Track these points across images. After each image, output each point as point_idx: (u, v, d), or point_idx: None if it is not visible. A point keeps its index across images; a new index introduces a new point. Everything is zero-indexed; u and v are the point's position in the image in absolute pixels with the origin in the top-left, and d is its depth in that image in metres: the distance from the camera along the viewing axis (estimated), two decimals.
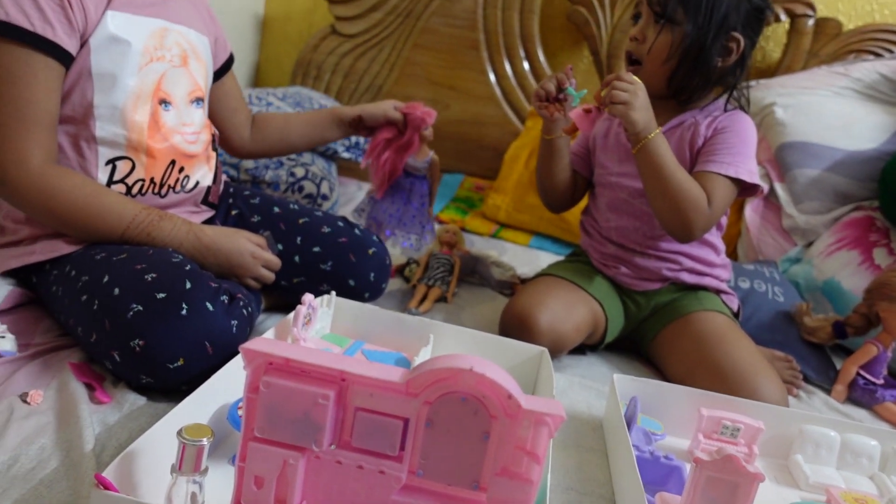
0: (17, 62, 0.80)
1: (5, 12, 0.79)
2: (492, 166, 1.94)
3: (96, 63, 0.85)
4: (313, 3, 2.07)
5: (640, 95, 0.94)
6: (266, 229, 1.04)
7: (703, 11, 0.98)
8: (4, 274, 0.92)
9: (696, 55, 1.00)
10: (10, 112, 0.81)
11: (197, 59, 0.97)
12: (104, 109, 0.86)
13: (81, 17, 0.83)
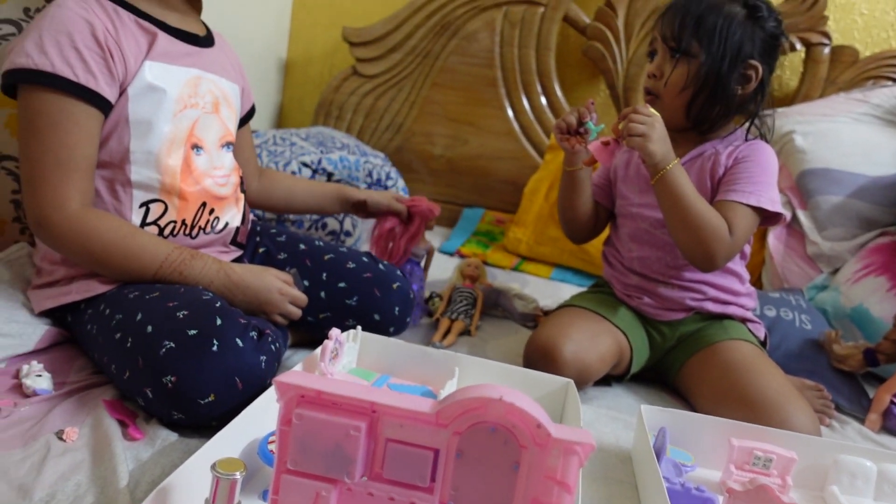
0: (61, 110, 0.84)
1: (51, 63, 0.83)
2: (511, 200, 1.95)
3: (134, 110, 0.89)
4: (334, 46, 2.13)
5: (657, 127, 0.96)
6: (292, 266, 1.05)
7: (717, 42, 1.00)
8: (41, 314, 0.94)
9: (713, 85, 1.02)
10: (51, 158, 0.84)
11: (228, 106, 1.01)
12: (140, 154, 0.90)
13: (122, 68, 0.87)
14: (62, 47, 0.84)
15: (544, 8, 1.91)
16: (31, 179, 0.85)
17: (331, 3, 2.13)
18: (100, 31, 0.85)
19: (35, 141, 0.85)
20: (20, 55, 0.83)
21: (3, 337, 0.87)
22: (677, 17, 1.02)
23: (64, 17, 0.85)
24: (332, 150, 1.66)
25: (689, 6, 1.02)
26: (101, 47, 0.85)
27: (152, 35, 0.91)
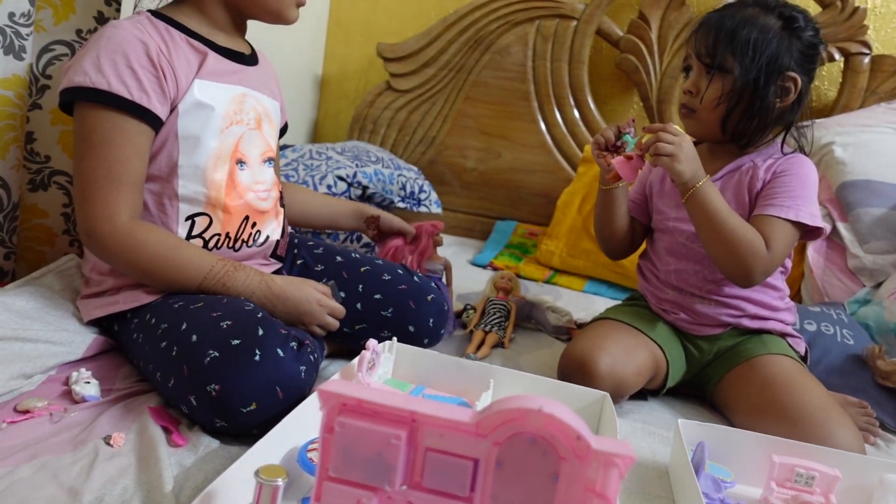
0: (114, 127, 0.88)
1: (107, 82, 0.87)
2: (544, 213, 1.95)
3: (183, 126, 0.92)
4: (369, 62, 2.17)
5: (685, 147, 0.96)
6: (330, 278, 1.07)
7: (752, 55, 0.99)
8: (89, 323, 0.97)
9: (750, 99, 1.01)
10: (104, 172, 0.87)
11: (269, 123, 1.04)
12: (187, 169, 0.93)
13: (173, 86, 0.90)
14: (118, 66, 0.87)
15: (577, 21, 1.92)
16: (84, 192, 0.89)
17: (365, 20, 2.17)
18: (153, 50, 0.89)
19: (89, 156, 0.88)
20: (78, 73, 0.87)
21: (54, 345, 0.91)
22: (711, 33, 1.02)
23: (120, 38, 0.89)
24: (366, 163, 1.69)
25: (722, 21, 1.01)
26: (154, 66, 0.89)
27: (202, 54, 0.95)
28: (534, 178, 2.01)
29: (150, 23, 0.93)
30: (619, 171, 1.00)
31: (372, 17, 2.17)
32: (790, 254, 1.06)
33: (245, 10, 1.00)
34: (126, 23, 0.92)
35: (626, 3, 1.95)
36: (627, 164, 1.00)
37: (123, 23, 0.92)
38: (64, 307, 0.99)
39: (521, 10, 1.95)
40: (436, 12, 2.09)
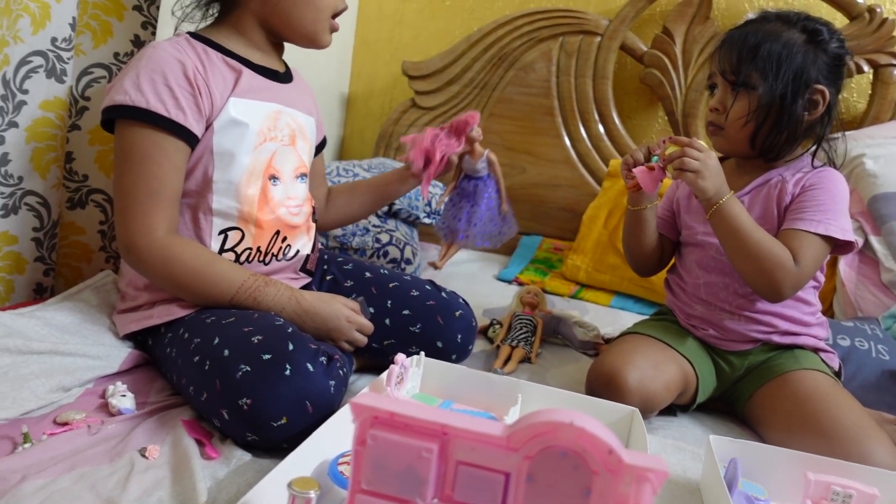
0: (153, 144, 0.90)
1: (146, 100, 0.90)
2: (569, 227, 1.95)
3: (218, 143, 0.94)
4: (394, 80, 2.20)
5: (710, 164, 0.95)
6: (358, 293, 1.09)
7: (778, 70, 0.99)
8: (124, 337, 1.00)
9: (777, 114, 1.00)
10: (142, 188, 0.90)
11: (303, 139, 1.06)
12: (221, 184, 0.95)
13: (209, 104, 0.93)
14: (156, 85, 0.90)
15: (601, 37, 1.93)
16: (124, 207, 0.92)
17: (390, 40, 2.21)
18: (190, 70, 0.92)
19: (129, 172, 0.91)
20: (119, 93, 0.90)
21: (91, 359, 0.93)
22: (734, 50, 1.01)
23: (158, 58, 0.92)
24: None
25: (745, 37, 1.01)
26: (191, 85, 0.91)
27: (238, 72, 0.98)
28: (559, 192, 2.01)
29: (188, 43, 0.96)
30: (640, 180, 1.00)
31: (397, 36, 2.20)
32: (822, 267, 1.05)
33: (281, 33, 1.03)
34: (165, 43, 0.95)
35: (650, 19, 1.96)
36: (649, 174, 1.00)
37: (163, 44, 0.95)
38: (101, 322, 1.01)
39: (544, 27, 1.96)
40: (460, 31, 2.11)
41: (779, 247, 0.97)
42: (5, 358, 0.87)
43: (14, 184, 1.06)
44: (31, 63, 1.03)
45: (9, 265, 1.09)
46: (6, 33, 0.97)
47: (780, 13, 1.05)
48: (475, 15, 2.11)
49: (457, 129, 1.12)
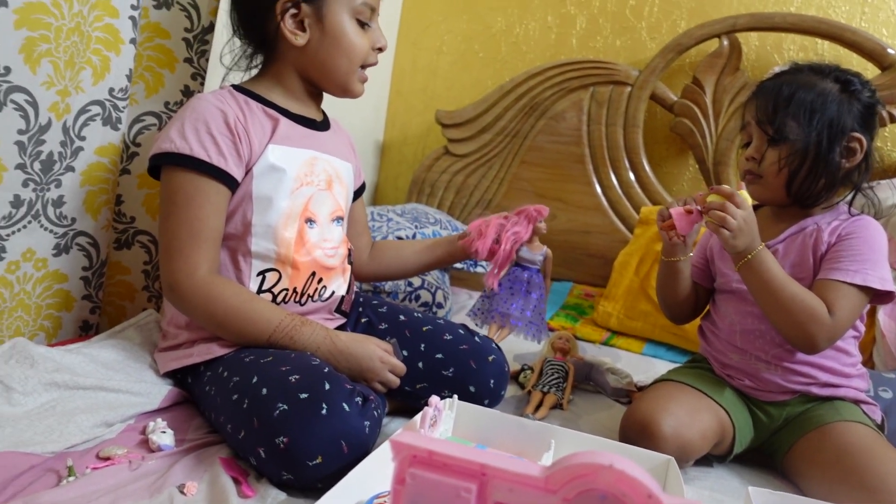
0: (196, 188, 0.95)
1: (190, 147, 0.94)
2: (600, 274, 1.95)
3: (257, 188, 0.98)
4: (427, 129, 2.26)
5: (748, 222, 0.95)
6: (392, 336, 1.10)
7: (814, 120, 1.00)
8: (164, 375, 1.02)
9: (814, 162, 1.01)
10: (186, 230, 0.94)
11: (340, 184, 1.10)
12: (260, 227, 0.99)
13: (248, 150, 0.98)
14: (199, 133, 0.95)
15: (631, 87, 1.96)
16: (168, 248, 0.95)
17: (424, 90, 2.27)
18: (231, 118, 0.97)
19: (173, 215, 0.95)
20: (165, 141, 0.95)
21: (133, 395, 0.96)
22: (769, 100, 1.03)
23: (202, 108, 0.97)
24: (425, 225, 1.74)
25: (780, 87, 1.03)
26: (231, 133, 0.96)
27: (276, 121, 1.03)
28: (589, 239, 2.02)
29: (230, 95, 1.02)
30: (675, 220, 1.00)
31: (431, 86, 2.27)
32: (862, 317, 1.04)
33: (317, 82, 1.08)
34: (209, 95, 1.01)
35: (680, 69, 1.99)
36: (686, 217, 1.00)
37: (207, 95, 1.01)
38: (143, 359, 1.04)
39: (575, 77, 2.01)
40: (492, 81, 2.17)
41: (812, 298, 0.96)
42: (53, 392, 0.90)
43: (67, 225, 1.11)
44: (90, 112, 1.09)
45: (58, 302, 1.13)
46: (69, 84, 1.03)
47: (813, 65, 1.07)
48: (507, 66, 2.17)
49: (528, 217, 1.17)
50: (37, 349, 0.97)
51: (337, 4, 1.02)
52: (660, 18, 2.03)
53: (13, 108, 0.96)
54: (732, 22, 1.85)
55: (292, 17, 1.02)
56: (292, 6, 1.01)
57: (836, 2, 1.88)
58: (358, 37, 1.04)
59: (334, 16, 1.02)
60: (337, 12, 1.02)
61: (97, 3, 1.05)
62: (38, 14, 0.95)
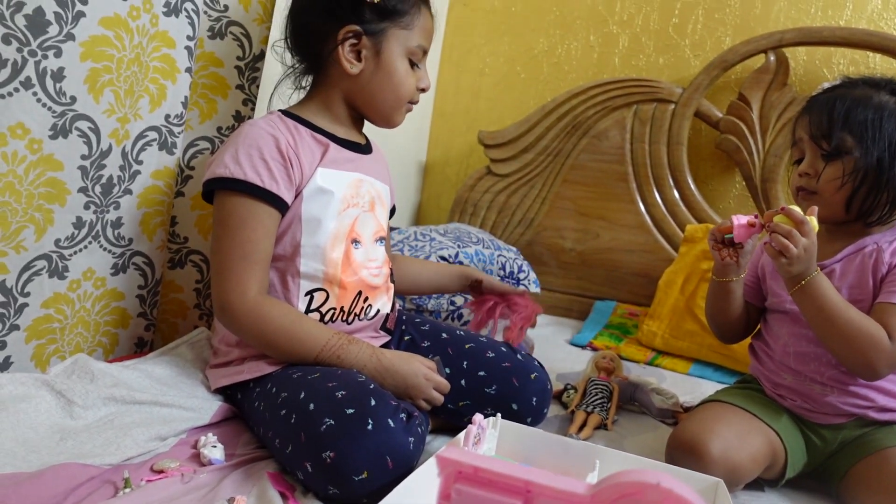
0: (248, 211, 0.98)
1: (243, 172, 0.98)
2: (644, 293, 1.93)
3: (306, 210, 1.01)
4: (470, 149, 2.28)
5: (808, 251, 0.92)
6: (435, 354, 1.11)
7: (872, 134, 0.98)
8: (215, 391, 1.05)
9: (875, 178, 0.99)
10: (238, 252, 0.97)
11: (381, 205, 1.13)
12: (309, 248, 1.02)
13: (299, 174, 1.01)
14: (252, 159, 0.99)
15: (675, 105, 1.95)
16: (220, 270, 0.99)
17: (467, 111, 2.30)
18: (283, 144, 1.00)
19: (226, 237, 0.99)
20: (220, 167, 0.99)
21: (186, 410, 0.99)
22: (824, 116, 1.01)
23: (255, 134, 1.01)
24: (468, 244, 1.75)
25: (833, 102, 1.01)
26: (283, 158, 1.00)
27: (325, 146, 1.06)
28: (633, 257, 2.00)
29: (280, 120, 1.05)
30: (734, 229, 0.98)
31: (473, 107, 2.29)
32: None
33: (361, 110, 1.12)
34: (260, 121, 1.04)
35: (725, 86, 1.97)
36: (746, 228, 0.98)
37: (258, 121, 1.04)
38: (195, 376, 1.08)
39: (617, 95, 2.01)
40: (534, 101, 2.19)
41: (871, 324, 0.93)
42: (111, 407, 0.94)
43: (125, 245, 1.16)
44: (147, 137, 1.14)
45: (115, 320, 1.18)
46: (128, 112, 1.09)
47: (866, 78, 1.04)
48: (549, 86, 2.18)
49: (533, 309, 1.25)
50: (97, 364, 1.01)
51: (395, 41, 1.06)
52: (704, 35, 2.01)
53: (77, 134, 1.02)
54: (779, 37, 1.83)
55: (351, 46, 1.05)
56: (353, 36, 1.05)
57: (889, 14, 1.83)
58: (407, 76, 1.09)
59: (391, 52, 1.06)
60: (394, 49, 1.07)
61: (155, 34, 1.10)
62: (101, 47, 1.01)
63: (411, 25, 1.07)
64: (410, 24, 1.07)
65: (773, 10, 1.93)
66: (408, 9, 1.07)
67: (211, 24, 1.21)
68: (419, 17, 1.08)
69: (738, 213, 0.99)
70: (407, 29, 1.07)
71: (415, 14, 1.08)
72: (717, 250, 1.02)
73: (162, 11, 1.09)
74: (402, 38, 1.07)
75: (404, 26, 1.07)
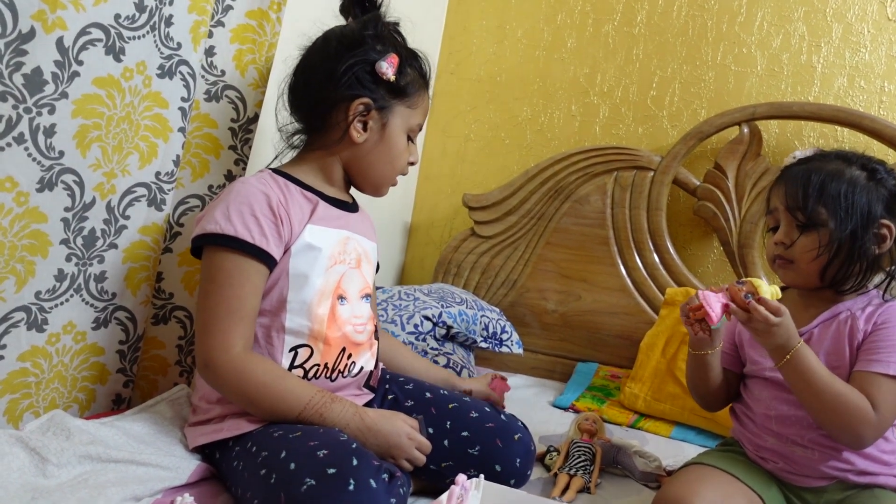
0: (236, 267, 0.99)
1: (234, 228, 0.99)
2: (626, 355, 1.94)
3: (294, 266, 1.03)
4: (454, 211, 2.32)
5: (782, 324, 0.95)
6: (419, 413, 1.10)
7: (845, 207, 1.01)
8: (193, 450, 1.03)
9: (849, 249, 1.02)
10: (224, 307, 0.98)
11: (368, 262, 1.15)
12: (295, 304, 1.02)
13: (288, 231, 1.03)
14: (244, 215, 1.00)
15: (654, 172, 2.01)
16: (205, 325, 0.99)
17: (452, 175, 2.36)
18: (274, 201, 1.02)
19: (213, 293, 0.99)
20: (210, 222, 1.01)
21: (163, 469, 0.96)
22: (798, 188, 1.04)
23: (246, 192, 1.03)
24: (451, 304, 1.76)
25: (808, 176, 1.04)
26: (274, 215, 1.02)
27: (314, 203, 1.08)
28: (615, 319, 2.02)
29: (271, 178, 1.08)
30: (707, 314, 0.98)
31: (458, 171, 2.35)
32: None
33: (354, 178, 1.17)
34: (252, 179, 1.07)
35: (702, 155, 2.04)
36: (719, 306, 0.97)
37: (249, 179, 1.07)
38: (173, 434, 1.06)
39: (599, 162, 2.07)
40: (518, 166, 2.25)
41: (857, 396, 0.95)
42: (87, 465, 0.92)
43: (107, 299, 1.15)
44: (135, 193, 1.16)
45: (93, 375, 1.16)
46: (116, 167, 1.10)
47: (839, 152, 1.09)
48: (532, 152, 2.25)
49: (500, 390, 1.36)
50: (74, 422, 0.99)
51: (400, 118, 1.13)
52: (680, 107, 2.10)
53: (62, 187, 1.03)
54: (752, 111, 1.91)
55: (360, 116, 1.10)
56: (365, 108, 1.10)
57: (854, 91, 1.93)
58: (405, 152, 1.16)
59: (395, 127, 1.13)
60: (398, 124, 1.13)
61: (148, 95, 1.13)
62: (92, 105, 1.03)
63: (415, 105, 1.15)
64: (415, 103, 1.15)
65: (745, 84, 2.03)
66: (415, 90, 1.15)
67: (208, 88, 1.25)
68: (422, 98, 1.17)
69: (707, 289, 1.00)
70: (411, 108, 1.15)
71: (420, 95, 1.16)
72: (690, 325, 1.03)
73: (156, 73, 1.12)
74: (406, 116, 1.14)
75: (409, 105, 1.14)
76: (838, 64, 1.95)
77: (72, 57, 0.99)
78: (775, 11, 2.01)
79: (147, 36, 1.09)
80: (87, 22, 1.00)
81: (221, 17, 1.24)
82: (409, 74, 1.14)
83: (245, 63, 1.27)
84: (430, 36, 2.32)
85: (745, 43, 2.03)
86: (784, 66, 2.00)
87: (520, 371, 2.05)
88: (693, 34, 2.09)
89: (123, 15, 1.05)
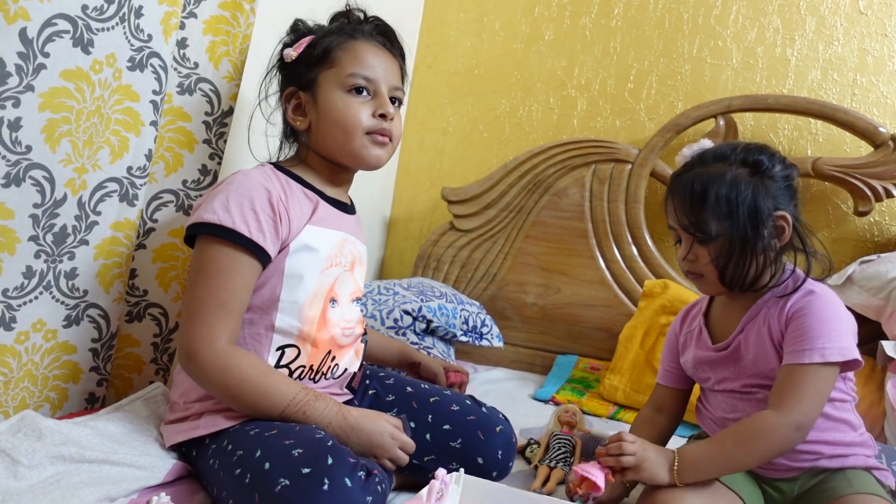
0: (230, 259, 0.97)
1: (231, 220, 0.98)
2: (605, 347, 1.95)
3: (289, 265, 1.01)
4: (433, 205, 2.31)
5: (646, 452, 0.96)
6: (399, 408, 1.10)
7: (732, 211, 0.99)
8: (169, 448, 1.02)
9: (743, 250, 1.00)
10: (213, 299, 0.96)
11: (360, 265, 1.15)
12: (287, 304, 1.01)
13: (287, 229, 1.01)
14: (243, 208, 0.99)
15: (631, 165, 2.02)
16: (191, 316, 0.97)
17: (430, 168, 2.35)
18: (275, 197, 1.01)
19: (202, 283, 0.97)
20: (208, 212, 0.98)
21: (138, 469, 0.95)
22: (685, 202, 1.02)
23: (248, 184, 1.01)
24: (431, 298, 1.75)
25: (690, 185, 1.02)
26: (273, 211, 1.00)
27: (315, 203, 1.08)
28: (594, 312, 2.03)
29: (273, 173, 1.06)
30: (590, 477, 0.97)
31: (437, 165, 2.34)
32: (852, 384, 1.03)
33: (333, 159, 1.12)
34: (254, 171, 1.05)
35: (679, 147, 2.03)
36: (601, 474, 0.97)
37: (252, 171, 1.05)
38: (148, 432, 1.04)
39: (577, 155, 2.07)
40: (497, 159, 2.24)
41: (748, 424, 0.95)
42: (59, 466, 0.90)
43: (79, 297, 1.13)
44: (107, 188, 1.13)
45: (65, 374, 1.14)
46: (86, 162, 1.08)
47: (717, 152, 1.05)
48: (511, 145, 2.25)
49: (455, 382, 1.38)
50: (45, 422, 0.97)
51: (326, 84, 1.09)
52: (657, 100, 2.11)
53: (31, 183, 1.00)
54: (728, 103, 1.93)
55: (295, 105, 1.11)
56: (293, 96, 1.12)
57: (827, 84, 1.96)
58: (351, 107, 1.08)
59: (325, 94, 1.09)
60: (327, 91, 1.09)
61: (118, 88, 1.10)
62: (61, 98, 1.01)
63: (337, 61, 1.09)
64: (337, 60, 1.09)
65: (721, 77, 2.05)
66: (331, 49, 1.10)
67: (180, 80, 1.23)
68: (345, 49, 1.10)
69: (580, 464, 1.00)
70: (334, 66, 1.09)
71: (339, 49, 1.10)
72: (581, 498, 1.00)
73: (126, 66, 1.10)
74: (332, 76, 1.09)
75: (330, 65, 1.09)
76: (812, 57, 1.97)
77: (37, 49, 0.96)
78: (750, 5, 2.03)
79: (116, 27, 1.06)
80: (52, 13, 0.97)
81: (193, 9, 1.22)
82: (326, 40, 1.10)
83: (219, 55, 1.25)
84: (408, 29, 2.30)
85: (720, 36, 2.05)
86: (759, 58, 2.01)
87: (500, 364, 2.05)
88: (669, 27, 2.10)
89: (91, 6, 1.02)
